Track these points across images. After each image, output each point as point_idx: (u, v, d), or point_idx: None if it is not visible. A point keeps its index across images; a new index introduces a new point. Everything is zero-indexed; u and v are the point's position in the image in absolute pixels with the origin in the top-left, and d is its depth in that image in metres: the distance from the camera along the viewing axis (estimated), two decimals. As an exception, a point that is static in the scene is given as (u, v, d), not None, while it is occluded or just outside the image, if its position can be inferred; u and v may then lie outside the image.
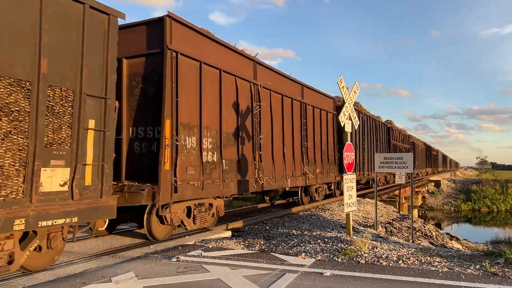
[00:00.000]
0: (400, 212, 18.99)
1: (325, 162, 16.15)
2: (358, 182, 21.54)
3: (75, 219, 5.67)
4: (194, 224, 8.77)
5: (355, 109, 15.31)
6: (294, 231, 10.02)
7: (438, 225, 27.23)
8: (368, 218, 14.80)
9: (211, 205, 9.33)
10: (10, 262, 5.25)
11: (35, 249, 5.62)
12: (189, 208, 8.60)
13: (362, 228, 12.29)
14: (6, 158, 4.87)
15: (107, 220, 6.54)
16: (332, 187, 17.89)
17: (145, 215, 7.83)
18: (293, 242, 7.86)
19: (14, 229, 4.92)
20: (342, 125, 8.84)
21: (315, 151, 15.18)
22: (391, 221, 15.27)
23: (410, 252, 7.11)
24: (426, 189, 45.02)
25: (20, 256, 5.37)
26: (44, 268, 5.85)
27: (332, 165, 16.94)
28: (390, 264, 6.24)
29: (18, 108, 5.00)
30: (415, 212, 29.34)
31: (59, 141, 5.50)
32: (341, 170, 16.49)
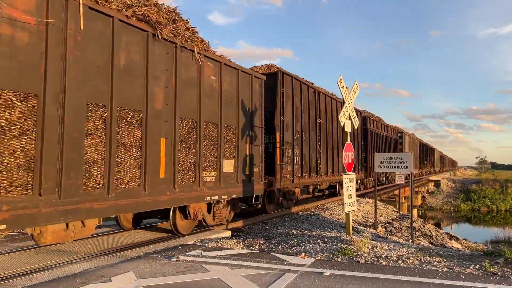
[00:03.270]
0: (400, 212, 19.00)
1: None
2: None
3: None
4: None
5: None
6: (294, 231, 10.02)
7: (437, 225, 27.24)
8: (368, 217, 14.81)
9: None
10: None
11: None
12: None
13: (362, 227, 12.29)
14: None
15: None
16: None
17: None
18: (293, 242, 7.86)
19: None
20: (342, 124, 8.84)
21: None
22: (390, 220, 15.28)
23: (409, 251, 7.12)
24: (426, 188, 45.04)
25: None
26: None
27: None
28: (390, 264, 6.24)
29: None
30: (415, 211, 29.35)
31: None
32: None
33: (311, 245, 7.47)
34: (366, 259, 6.51)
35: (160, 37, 7.38)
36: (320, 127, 15.76)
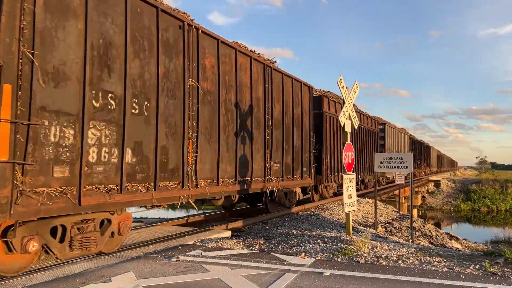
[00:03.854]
0: (400, 212, 19.00)
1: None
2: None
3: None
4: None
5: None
6: (294, 231, 10.02)
7: (437, 225, 27.24)
8: (367, 217, 14.81)
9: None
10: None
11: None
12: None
13: (362, 227, 12.29)
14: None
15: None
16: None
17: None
18: (293, 242, 7.86)
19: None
20: (342, 124, 8.84)
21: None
22: (390, 220, 15.28)
23: (409, 251, 7.12)
24: (426, 188, 45.04)
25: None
26: None
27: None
28: (390, 264, 6.24)
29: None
30: (415, 212, 29.32)
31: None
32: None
33: (311, 245, 7.48)
34: (366, 259, 6.51)
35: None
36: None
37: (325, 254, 6.84)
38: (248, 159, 10.45)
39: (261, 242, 7.97)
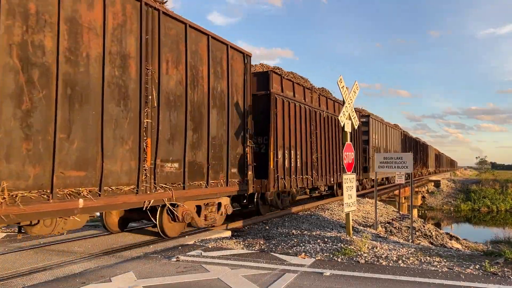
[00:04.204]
0: (400, 212, 19.00)
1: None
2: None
3: None
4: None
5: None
6: (294, 231, 10.02)
7: (437, 225, 27.23)
8: (367, 218, 14.81)
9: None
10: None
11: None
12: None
13: (362, 228, 12.29)
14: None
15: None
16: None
17: None
18: (293, 242, 7.86)
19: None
20: (342, 125, 8.84)
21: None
22: (390, 221, 15.28)
23: (409, 252, 7.12)
24: (426, 189, 45.04)
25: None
26: None
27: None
28: (390, 264, 6.24)
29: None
30: (415, 212, 29.27)
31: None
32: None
33: (311, 245, 7.47)
34: (366, 259, 6.51)
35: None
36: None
37: (325, 254, 6.84)
38: (94, 153, 6.31)
39: (261, 242, 7.97)
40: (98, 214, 9.24)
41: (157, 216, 8.07)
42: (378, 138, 25.61)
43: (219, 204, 9.70)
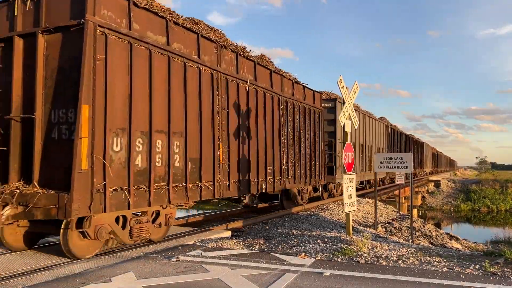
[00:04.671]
0: (400, 212, 19.00)
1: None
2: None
3: None
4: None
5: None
6: (293, 231, 10.03)
7: (437, 225, 27.23)
8: (367, 218, 14.81)
9: None
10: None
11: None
12: None
13: (361, 228, 12.29)
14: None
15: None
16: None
17: None
18: (293, 242, 7.86)
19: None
20: (342, 125, 8.84)
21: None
22: (390, 221, 15.28)
23: (409, 252, 7.12)
24: (426, 189, 45.04)
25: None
26: None
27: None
28: (390, 264, 6.24)
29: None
30: (415, 212, 29.24)
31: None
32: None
33: (311, 245, 7.47)
34: (366, 259, 6.51)
35: None
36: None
37: (325, 254, 6.84)
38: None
39: (261, 242, 7.97)
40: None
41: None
42: (351, 130, 21.13)
43: None
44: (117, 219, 6.96)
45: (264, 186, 11.40)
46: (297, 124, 13.64)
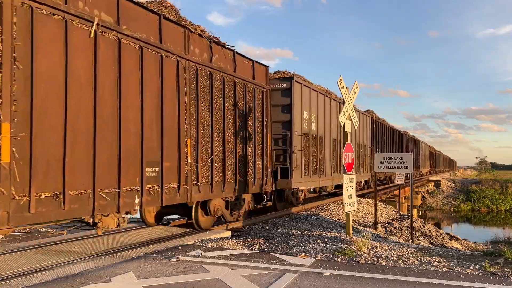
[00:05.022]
0: (400, 212, 19.00)
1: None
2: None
3: None
4: None
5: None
6: (293, 231, 10.03)
7: (437, 225, 27.25)
8: (367, 218, 14.81)
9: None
10: None
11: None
12: None
13: (361, 228, 12.29)
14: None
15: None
16: None
17: None
18: (293, 242, 7.86)
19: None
20: (342, 125, 8.84)
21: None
22: (390, 221, 15.28)
23: (409, 252, 7.12)
24: (426, 189, 45.05)
25: None
26: None
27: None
28: (390, 264, 6.24)
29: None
30: (415, 212, 29.22)
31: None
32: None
33: (311, 245, 7.47)
34: (366, 259, 6.51)
35: None
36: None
37: (325, 254, 6.84)
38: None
39: (261, 242, 7.97)
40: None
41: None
42: (316, 120, 14.77)
43: None
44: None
45: (135, 201, 7.15)
46: (218, 106, 9.45)
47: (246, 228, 11.11)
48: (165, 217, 10.64)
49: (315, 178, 14.68)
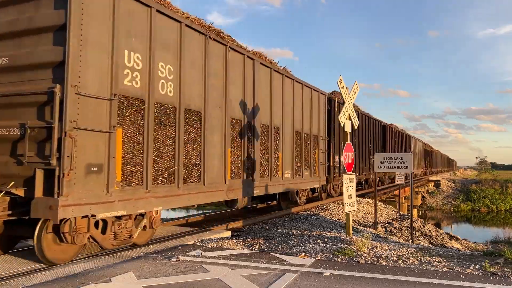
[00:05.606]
0: (400, 212, 19.01)
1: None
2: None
3: None
4: None
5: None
6: (293, 231, 10.02)
7: (437, 225, 27.25)
8: (367, 218, 14.81)
9: None
10: None
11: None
12: None
13: (361, 228, 12.29)
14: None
15: None
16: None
17: None
18: (293, 242, 7.86)
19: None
20: (342, 125, 8.84)
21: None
22: (390, 221, 15.28)
23: (409, 252, 7.12)
24: (426, 189, 45.05)
25: None
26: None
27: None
28: (390, 264, 6.24)
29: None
30: (415, 212, 29.19)
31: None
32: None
33: (311, 245, 7.47)
34: (366, 259, 6.51)
35: None
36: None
37: (325, 254, 6.84)
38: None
39: (261, 242, 7.97)
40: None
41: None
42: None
43: None
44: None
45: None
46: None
47: (246, 228, 11.11)
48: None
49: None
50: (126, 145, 6.58)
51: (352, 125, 9.12)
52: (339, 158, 17.32)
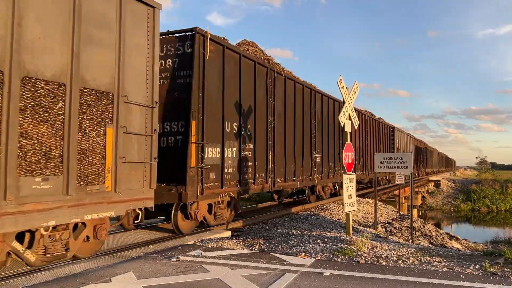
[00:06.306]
0: (400, 212, 19.01)
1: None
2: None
3: None
4: None
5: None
6: (293, 231, 10.03)
7: (437, 225, 27.24)
8: (367, 218, 14.81)
9: None
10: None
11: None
12: None
13: (361, 228, 12.29)
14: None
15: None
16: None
17: None
18: (293, 242, 7.86)
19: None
20: (342, 125, 8.84)
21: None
22: (390, 221, 15.28)
23: (409, 252, 7.12)
24: (426, 189, 45.05)
25: None
26: None
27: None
28: (390, 264, 6.24)
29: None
30: (415, 212, 29.18)
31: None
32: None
33: (311, 245, 7.47)
34: (366, 259, 6.51)
35: None
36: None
37: (325, 254, 6.84)
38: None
39: (261, 242, 7.97)
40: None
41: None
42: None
43: None
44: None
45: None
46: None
47: (246, 228, 11.12)
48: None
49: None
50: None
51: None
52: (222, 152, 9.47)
